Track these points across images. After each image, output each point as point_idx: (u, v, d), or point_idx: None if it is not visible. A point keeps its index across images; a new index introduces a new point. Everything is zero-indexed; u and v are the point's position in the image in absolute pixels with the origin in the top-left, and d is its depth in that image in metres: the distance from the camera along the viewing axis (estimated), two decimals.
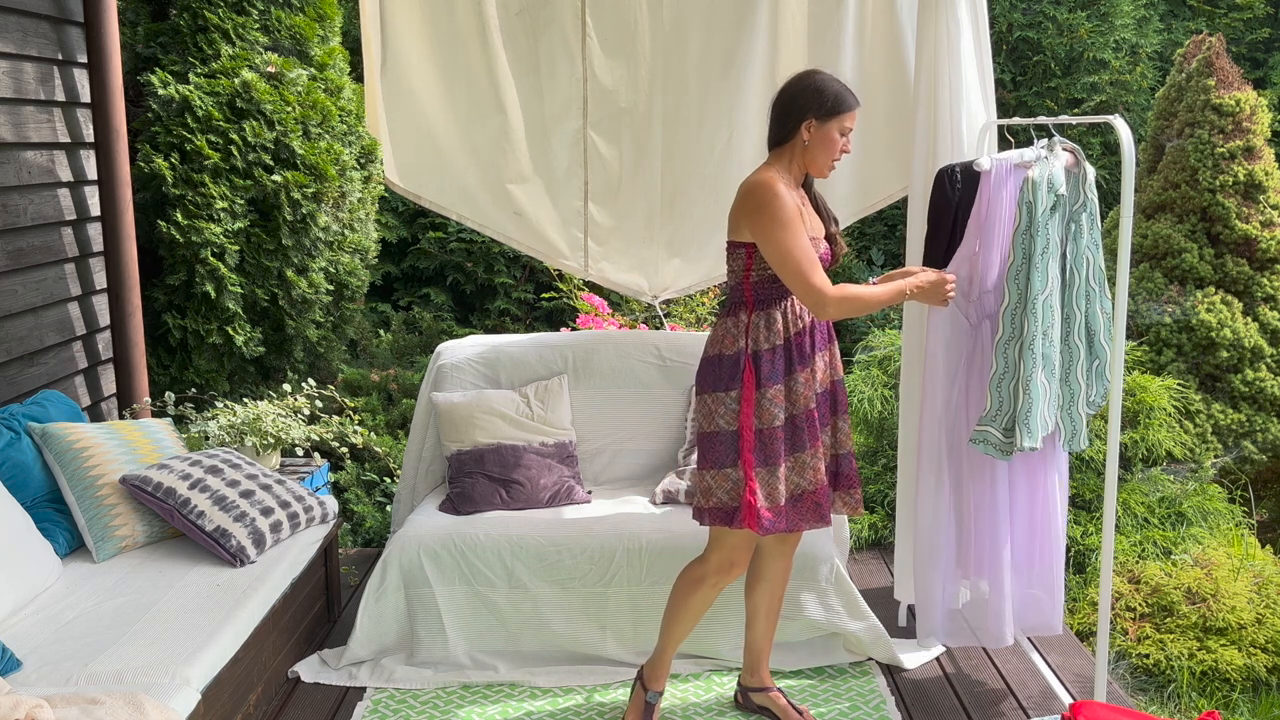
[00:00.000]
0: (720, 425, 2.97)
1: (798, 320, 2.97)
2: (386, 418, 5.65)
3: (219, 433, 4.14)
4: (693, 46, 4.15)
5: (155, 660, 2.76)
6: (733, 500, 2.95)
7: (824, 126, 2.92)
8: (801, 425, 2.96)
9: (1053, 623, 3.40)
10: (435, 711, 3.36)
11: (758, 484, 2.92)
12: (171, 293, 4.71)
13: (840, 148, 2.95)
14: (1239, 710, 3.70)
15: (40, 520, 3.35)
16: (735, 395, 2.95)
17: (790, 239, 2.84)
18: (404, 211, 7.39)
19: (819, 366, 3.01)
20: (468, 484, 3.86)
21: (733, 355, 2.97)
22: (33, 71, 4.04)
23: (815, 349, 3.00)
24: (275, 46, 4.99)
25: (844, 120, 2.93)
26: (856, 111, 2.96)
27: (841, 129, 2.93)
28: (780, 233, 2.85)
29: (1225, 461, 5.27)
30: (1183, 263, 5.43)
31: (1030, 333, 3.02)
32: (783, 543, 3.19)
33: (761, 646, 3.29)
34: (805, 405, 2.96)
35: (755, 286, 2.96)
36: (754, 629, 3.28)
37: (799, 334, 2.96)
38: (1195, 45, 5.69)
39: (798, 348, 2.96)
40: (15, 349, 3.89)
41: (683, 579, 3.13)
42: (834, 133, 2.92)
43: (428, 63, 4.29)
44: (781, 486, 2.95)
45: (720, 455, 2.97)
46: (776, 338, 2.95)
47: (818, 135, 2.92)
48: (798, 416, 2.96)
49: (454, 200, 4.46)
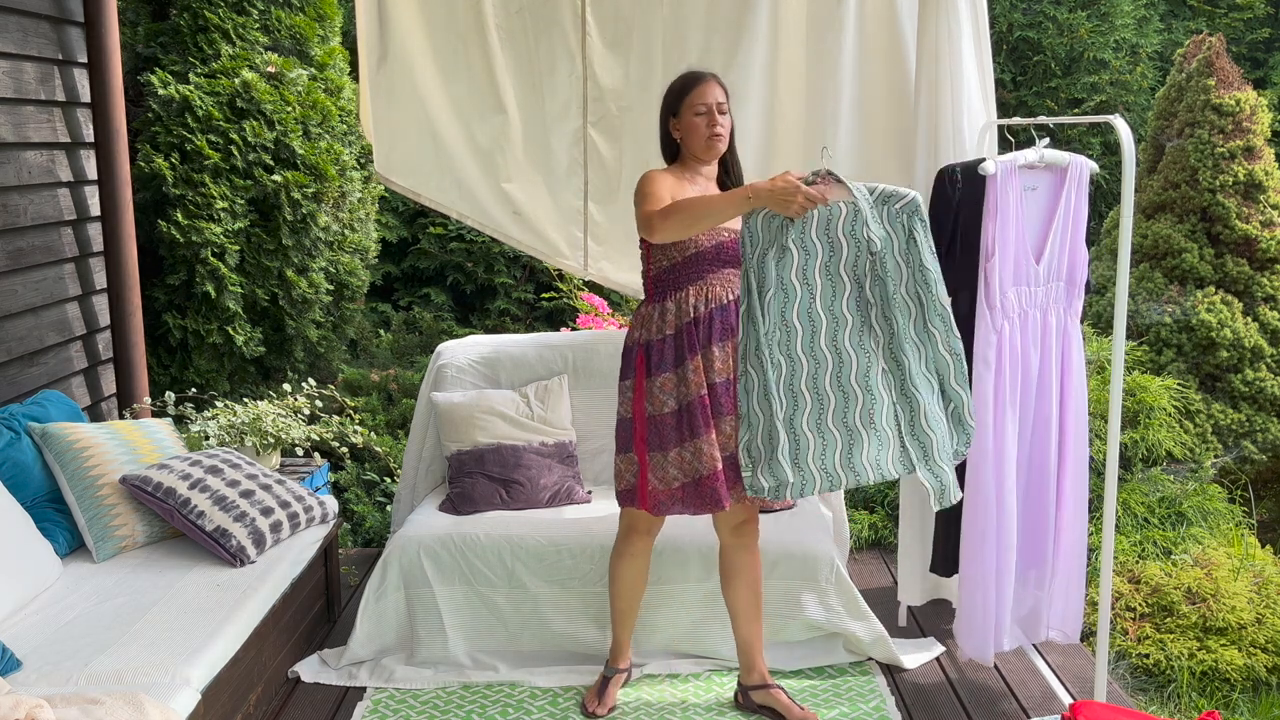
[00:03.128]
0: (621, 412, 3.18)
1: (690, 311, 3.07)
2: (386, 418, 5.65)
3: (219, 433, 4.14)
4: (693, 46, 4.14)
5: (155, 660, 2.76)
6: (635, 482, 3.15)
7: (681, 117, 3.11)
8: (695, 412, 3.05)
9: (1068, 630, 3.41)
10: (435, 711, 3.36)
11: (650, 468, 3.09)
12: (171, 293, 4.71)
13: (708, 123, 3.06)
14: (1239, 710, 3.70)
15: (40, 520, 3.35)
16: (630, 384, 3.14)
17: (643, 195, 3.01)
18: (404, 211, 7.38)
19: (716, 356, 3.07)
20: (468, 484, 3.86)
21: (630, 346, 3.16)
22: (33, 71, 4.04)
23: (713, 340, 3.07)
24: (275, 46, 5.00)
25: (693, 101, 3.07)
26: (706, 84, 3.08)
27: (695, 110, 3.07)
28: (638, 202, 3.02)
29: (1225, 461, 5.27)
30: (1183, 263, 5.44)
31: (763, 375, 2.82)
32: (738, 535, 3.21)
33: (751, 643, 3.30)
34: (697, 393, 3.05)
35: (655, 280, 3.14)
36: (738, 626, 3.31)
37: (690, 324, 3.07)
38: (1195, 45, 5.69)
39: (689, 337, 3.06)
40: (15, 349, 3.89)
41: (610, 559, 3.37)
42: (690, 116, 3.08)
43: (428, 61, 4.29)
44: (673, 470, 3.07)
45: (623, 441, 3.18)
46: (668, 328, 3.08)
47: (682, 127, 3.11)
48: (691, 404, 3.06)
49: (454, 199, 4.46)
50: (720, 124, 3.08)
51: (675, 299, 3.09)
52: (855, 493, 4.95)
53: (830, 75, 4.03)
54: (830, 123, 4.08)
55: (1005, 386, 3.20)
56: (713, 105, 3.07)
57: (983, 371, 3.20)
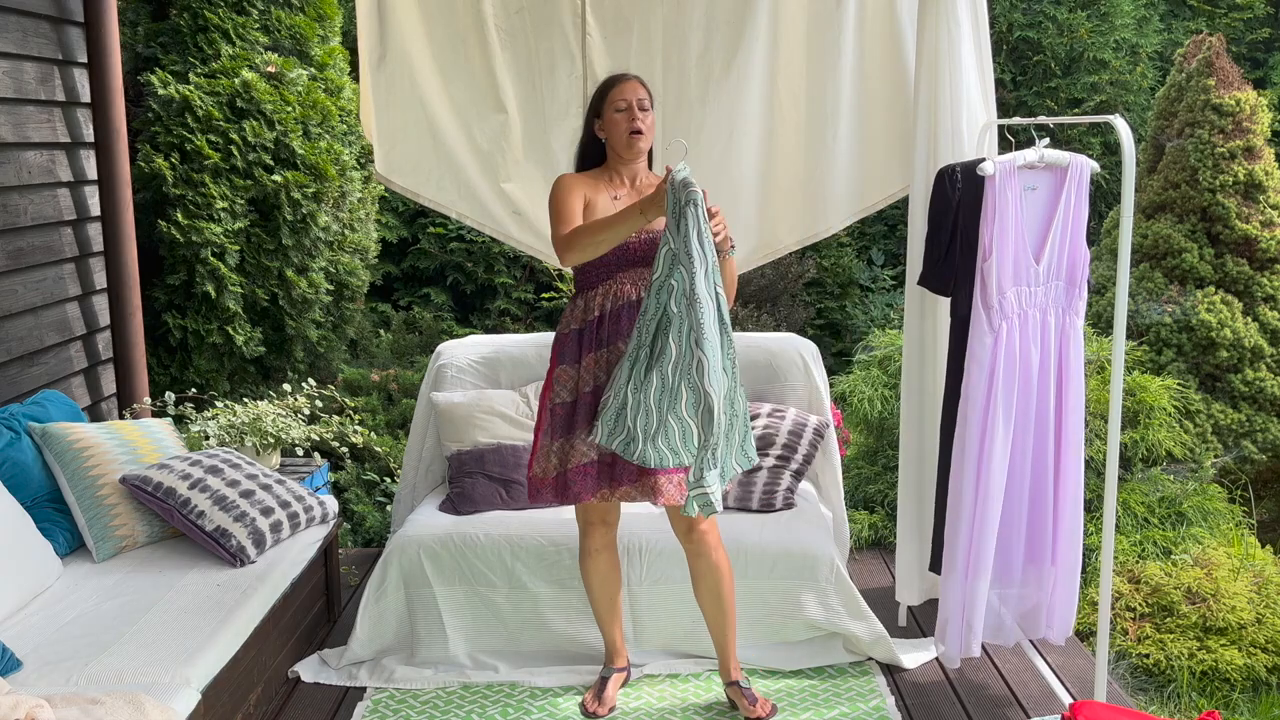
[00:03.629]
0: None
1: (595, 308, 3.12)
2: (386, 418, 5.65)
3: (219, 433, 4.14)
4: (693, 46, 4.14)
5: (155, 660, 2.76)
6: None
7: (603, 118, 3.16)
8: (579, 407, 3.11)
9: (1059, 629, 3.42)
10: (435, 711, 3.36)
11: (537, 455, 3.17)
12: (172, 293, 4.72)
13: (628, 119, 3.11)
14: (1239, 710, 3.70)
15: (40, 520, 3.35)
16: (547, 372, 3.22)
17: (552, 212, 3.10)
18: (404, 211, 7.38)
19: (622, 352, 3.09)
20: (468, 484, 3.86)
21: (555, 339, 3.23)
22: (33, 71, 4.04)
23: (620, 337, 3.10)
24: (275, 46, 5.00)
25: (612, 100, 3.13)
26: (627, 83, 3.15)
27: (616, 106, 3.13)
28: (550, 216, 3.12)
29: (1225, 461, 5.27)
30: (1183, 263, 5.44)
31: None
32: (690, 541, 3.19)
33: (719, 645, 3.31)
34: (583, 389, 3.11)
35: (575, 277, 3.23)
36: (708, 627, 3.33)
37: (594, 321, 3.12)
38: (1195, 45, 5.69)
39: (592, 334, 3.12)
40: (15, 349, 3.89)
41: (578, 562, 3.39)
42: (610, 114, 3.14)
43: (428, 61, 4.29)
44: (554, 460, 3.14)
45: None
46: (575, 322, 3.15)
47: (606, 126, 3.16)
48: (579, 399, 3.11)
49: (454, 199, 4.46)
50: (640, 120, 3.12)
51: (586, 296, 3.17)
52: (855, 492, 4.95)
53: (830, 75, 4.03)
54: (830, 123, 4.08)
55: (999, 387, 3.20)
56: (633, 101, 3.12)
57: (975, 371, 3.20)
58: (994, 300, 3.16)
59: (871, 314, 7.51)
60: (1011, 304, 3.19)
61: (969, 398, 3.21)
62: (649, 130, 3.16)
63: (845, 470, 4.78)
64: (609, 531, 3.32)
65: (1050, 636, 3.44)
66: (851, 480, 4.97)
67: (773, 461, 3.86)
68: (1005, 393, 3.21)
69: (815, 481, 4.10)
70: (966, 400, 3.22)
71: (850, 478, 4.97)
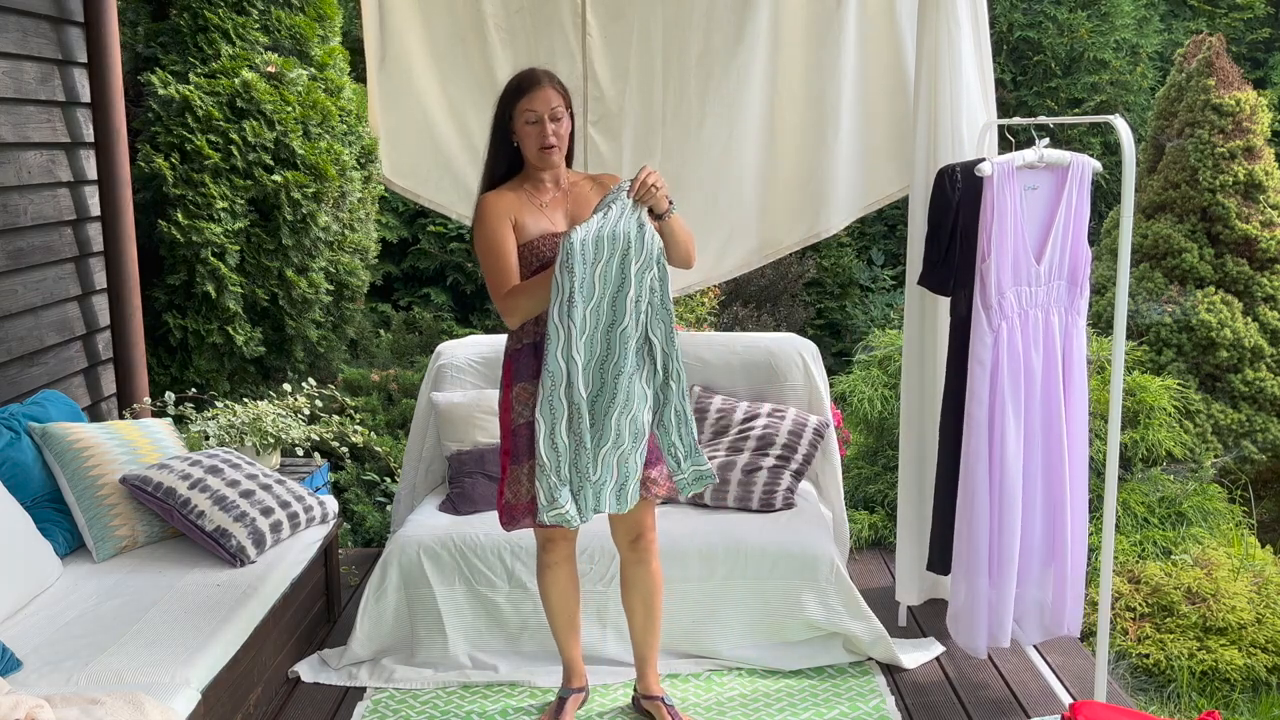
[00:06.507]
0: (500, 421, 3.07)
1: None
2: (386, 418, 5.65)
3: (219, 433, 4.14)
4: (693, 46, 4.15)
5: (155, 660, 2.76)
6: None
7: (516, 129, 2.95)
8: None
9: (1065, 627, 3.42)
10: (435, 711, 3.36)
11: (508, 480, 3.01)
12: (172, 293, 4.71)
13: (538, 134, 2.91)
14: (1239, 710, 3.70)
15: (40, 520, 3.35)
16: (501, 396, 3.04)
17: (487, 262, 2.94)
18: (404, 211, 7.38)
19: None
20: (468, 484, 3.86)
21: (504, 356, 3.06)
22: (33, 71, 4.04)
23: None
24: (275, 46, 5.00)
25: (520, 110, 2.92)
26: (538, 91, 2.90)
27: (525, 119, 2.92)
28: (481, 258, 2.97)
29: (1225, 461, 5.27)
30: (1183, 263, 5.44)
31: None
32: (634, 550, 3.13)
33: (641, 654, 3.25)
34: None
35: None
36: (633, 636, 3.25)
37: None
38: (1195, 45, 5.69)
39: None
40: (15, 349, 3.89)
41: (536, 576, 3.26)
42: (521, 125, 2.93)
43: (427, 61, 4.29)
44: (526, 484, 2.98)
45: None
46: (527, 337, 2.98)
47: (517, 136, 2.96)
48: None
49: (454, 199, 4.46)
50: (551, 133, 2.91)
51: None
52: (855, 493, 4.95)
53: (830, 75, 4.04)
54: (830, 123, 4.08)
55: (1004, 386, 3.20)
56: (544, 115, 2.90)
57: (977, 371, 3.20)
58: (993, 300, 3.16)
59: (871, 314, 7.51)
60: (1011, 304, 3.19)
61: (974, 398, 3.21)
62: (563, 141, 2.97)
63: (845, 470, 4.78)
64: (568, 544, 3.16)
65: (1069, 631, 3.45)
66: (851, 480, 4.97)
67: (773, 461, 3.86)
68: (1012, 391, 3.21)
69: (815, 481, 4.10)
70: (972, 400, 3.22)
71: (850, 478, 4.97)
